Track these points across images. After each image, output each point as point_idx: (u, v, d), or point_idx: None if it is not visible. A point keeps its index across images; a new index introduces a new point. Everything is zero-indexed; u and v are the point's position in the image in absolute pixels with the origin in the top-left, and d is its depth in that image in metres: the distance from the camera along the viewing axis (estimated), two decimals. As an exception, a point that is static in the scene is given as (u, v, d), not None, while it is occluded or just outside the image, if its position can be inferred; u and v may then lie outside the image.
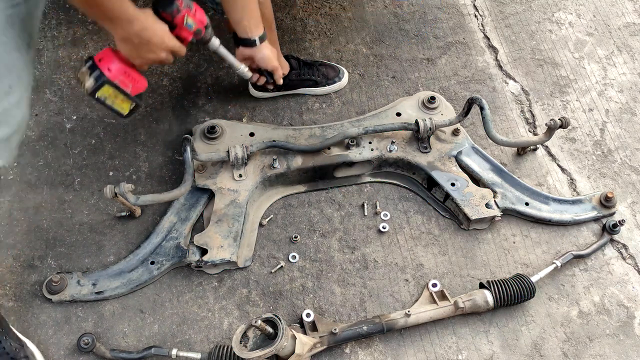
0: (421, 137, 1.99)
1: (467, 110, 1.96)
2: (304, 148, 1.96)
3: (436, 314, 1.74)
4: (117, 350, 1.67)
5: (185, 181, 1.76)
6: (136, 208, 1.89)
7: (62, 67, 2.28)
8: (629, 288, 1.89)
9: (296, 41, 2.40)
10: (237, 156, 1.87)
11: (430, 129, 1.96)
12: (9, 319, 1.75)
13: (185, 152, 1.77)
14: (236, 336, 1.45)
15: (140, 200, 1.70)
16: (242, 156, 1.88)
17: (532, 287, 1.77)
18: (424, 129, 1.96)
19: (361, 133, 1.96)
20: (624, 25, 2.54)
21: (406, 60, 2.37)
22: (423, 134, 1.97)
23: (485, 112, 1.89)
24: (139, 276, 1.80)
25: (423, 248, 1.93)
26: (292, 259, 1.89)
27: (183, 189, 1.76)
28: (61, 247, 1.89)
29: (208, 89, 2.25)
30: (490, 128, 1.92)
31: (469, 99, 1.92)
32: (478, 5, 2.57)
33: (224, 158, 1.88)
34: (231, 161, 1.88)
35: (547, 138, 1.92)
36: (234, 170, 1.92)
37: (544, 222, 1.97)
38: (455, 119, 2.00)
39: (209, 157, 1.88)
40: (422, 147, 2.00)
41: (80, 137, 2.11)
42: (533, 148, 2.12)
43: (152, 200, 1.72)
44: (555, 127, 1.83)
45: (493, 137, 1.94)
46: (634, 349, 1.78)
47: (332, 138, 1.97)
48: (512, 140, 1.94)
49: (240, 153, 1.88)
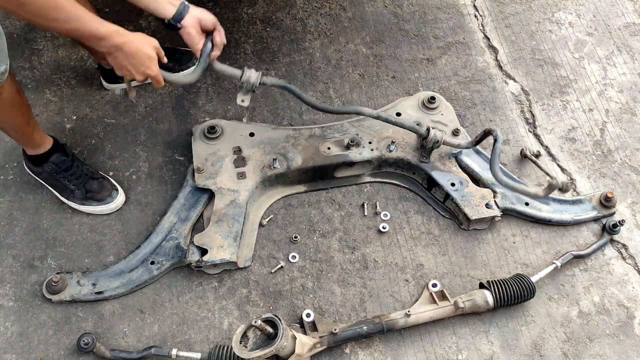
0: (426, 145, 1.94)
1: (480, 139, 1.89)
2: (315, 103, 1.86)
3: (436, 314, 1.74)
4: (117, 350, 1.67)
5: (197, 68, 1.68)
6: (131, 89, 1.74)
7: (62, 67, 2.28)
8: (629, 288, 1.89)
9: (296, 41, 2.40)
10: (249, 80, 1.75)
11: (437, 141, 1.90)
12: (9, 319, 1.75)
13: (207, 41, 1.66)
14: (236, 336, 1.45)
15: None
16: (253, 82, 1.75)
17: (532, 287, 1.77)
18: (431, 139, 1.90)
19: (373, 115, 1.88)
20: (624, 25, 2.54)
21: (406, 60, 2.37)
22: (429, 144, 1.92)
23: (497, 146, 1.79)
24: (139, 276, 1.80)
25: (423, 248, 1.93)
26: (292, 259, 1.89)
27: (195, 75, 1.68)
28: (61, 247, 1.89)
29: (208, 89, 2.25)
30: (496, 162, 1.79)
31: (485, 130, 1.84)
32: (478, 5, 2.57)
33: (237, 75, 1.75)
34: (241, 81, 1.75)
35: (544, 194, 1.78)
36: (238, 94, 1.80)
37: (544, 222, 1.97)
38: (466, 144, 1.94)
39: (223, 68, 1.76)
40: (422, 156, 1.97)
41: (80, 137, 2.11)
42: (535, 154, 2.08)
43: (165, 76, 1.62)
44: (555, 187, 1.74)
45: (495, 173, 1.81)
46: (634, 349, 1.78)
47: (344, 107, 1.94)
48: (511, 183, 1.80)
49: (254, 78, 1.75)
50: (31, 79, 2.23)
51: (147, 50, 1.47)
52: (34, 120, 1.78)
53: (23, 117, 1.71)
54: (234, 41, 2.37)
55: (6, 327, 1.74)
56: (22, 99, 1.68)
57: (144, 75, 1.51)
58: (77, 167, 1.91)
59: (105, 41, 1.40)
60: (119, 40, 1.41)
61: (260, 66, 2.31)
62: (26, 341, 1.72)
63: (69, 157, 1.90)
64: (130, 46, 1.44)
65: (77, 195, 1.91)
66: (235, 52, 2.34)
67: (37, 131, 1.81)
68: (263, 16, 2.47)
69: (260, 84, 1.77)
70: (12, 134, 1.76)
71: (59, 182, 1.90)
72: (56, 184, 1.91)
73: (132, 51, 1.44)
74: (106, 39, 1.39)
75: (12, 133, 1.75)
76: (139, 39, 1.47)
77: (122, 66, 1.48)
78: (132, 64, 1.47)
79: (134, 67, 1.48)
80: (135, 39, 1.45)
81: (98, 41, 1.39)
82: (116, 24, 1.43)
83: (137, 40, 1.45)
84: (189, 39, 1.61)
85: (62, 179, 1.89)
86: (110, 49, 1.42)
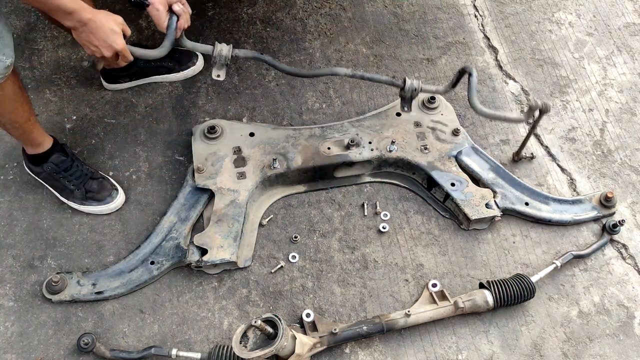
0: (405, 96, 1.96)
1: (456, 80, 1.93)
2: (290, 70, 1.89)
3: (436, 314, 1.74)
4: (117, 350, 1.67)
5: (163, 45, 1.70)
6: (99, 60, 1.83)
7: (62, 67, 2.28)
8: (629, 288, 1.89)
9: (296, 41, 2.40)
10: (221, 53, 1.78)
11: (415, 89, 1.93)
12: (9, 319, 1.75)
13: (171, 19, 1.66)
14: (236, 336, 1.45)
15: None
16: (225, 55, 1.78)
17: (532, 287, 1.77)
18: (409, 88, 1.93)
19: (349, 74, 1.91)
20: (624, 25, 2.54)
21: (406, 60, 2.37)
22: (407, 93, 1.94)
23: (472, 79, 1.87)
24: (139, 276, 1.80)
25: (423, 248, 1.93)
26: (292, 259, 1.89)
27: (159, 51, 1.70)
28: (61, 247, 1.89)
29: (208, 89, 2.25)
30: (473, 96, 1.88)
31: (460, 70, 1.90)
32: (478, 5, 2.57)
33: (208, 50, 1.78)
34: (214, 56, 1.78)
35: (526, 118, 1.89)
36: (213, 70, 1.82)
37: (544, 222, 1.97)
38: (443, 89, 1.98)
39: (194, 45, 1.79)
40: (403, 107, 2.00)
41: (80, 137, 2.11)
42: (529, 157, 2.11)
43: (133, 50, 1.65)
44: (535, 107, 1.82)
45: (474, 105, 1.90)
46: (634, 349, 1.78)
47: (320, 70, 2.06)
48: (490, 112, 1.92)
49: (225, 51, 1.78)
50: (31, 79, 2.23)
51: (111, 26, 1.51)
52: (34, 118, 1.78)
53: (24, 114, 1.72)
54: (234, 41, 2.37)
55: (6, 327, 1.74)
56: (24, 95, 1.69)
57: (111, 49, 1.53)
58: (77, 167, 1.91)
59: (72, 16, 1.44)
60: (85, 16, 1.45)
61: (260, 66, 2.31)
62: (26, 341, 1.72)
63: (68, 157, 1.90)
64: (95, 22, 1.48)
65: (76, 195, 1.91)
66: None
67: (38, 129, 1.81)
68: (263, 16, 2.47)
69: (233, 57, 1.80)
70: (12, 132, 1.77)
71: (58, 182, 1.90)
72: (56, 184, 1.91)
73: (97, 26, 1.48)
74: (73, 14, 1.43)
75: (12, 130, 1.76)
76: (103, 15, 1.51)
77: (88, 41, 1.51)
78: (98, 38, 1.50)
79: (100, 42, 1.51)
80: (100, 15, 1.50)
81: (65, 15, 1.43)
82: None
83: (101, 16, 1.50)
84: (157, 15, 1.61)
85: (61, 179, 1.89)
86: (75, 24, 1.46)
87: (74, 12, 1.43)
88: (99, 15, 1.49)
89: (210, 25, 2.41)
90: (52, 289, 1.75)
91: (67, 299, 1.76)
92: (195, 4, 1.62)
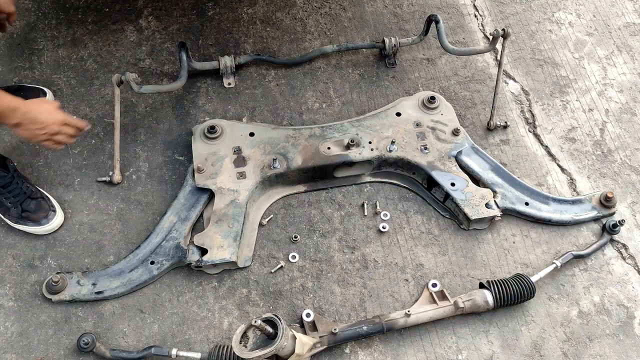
0: (388, 54, 2.29)
1: (426, 28, 2.26)
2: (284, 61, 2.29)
3: (436, 314, 1.74)
4: (117, 350, 1.67)
5: (181, 77, 2.08)
6: (117, 173, 1.97)
7: (62, 67, 2.28)
8: (629, 288, 1.89)
9: (296, 41, 2.40)
10: (227, 64, 2.18)
11: (394, 45, 2.27)
12: (9, 319, 1.75)
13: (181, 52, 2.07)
14: (236, 336, 1.45)
15: (143, 89, 2.00)
16: (230, 65, 2.18)
17: (532, 287, 1.77)
18: (388, 45, 2.26)
19: (335, 50, 2.28)
20: (624, 25, 2.54)
21: (406, 60, 2.37)
22: (389, 50, 2.27)
23: (440, 25, 2.18)
24: (139, 276, 1.80)
25: (423, 248, 1.93)
26: (292, 259, 1.89)
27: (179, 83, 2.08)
28: (61, 247, 1.89)
29: (208, 89, 2.25)
30: (444, 38, 2.17)
31: (427, 19, 2.22)
32: (478, 5, 2.57)
33: (215, 66, 2.19)
34: (221, 70, 2.19)
35: (492, 47, 2.15)
36: (224, 79, 2.23)
37: (544, 222, 1.97)
38: (417, 38, 2.30)
39: (203, 65, 2.19)
40: (389, 64, 2.32)
41: (80, 137, 2.10)
42: (503, 125, 2.17)
43: (152, 90, 2.03)
44: (498, 35, 2.06)
45: (445, 47, 2.18)
46: (634, 349, 1.78)
47: (309, 53, 2.28)
48: (461, 48, 2.22)
49: (229, 62, 2.18)
50: (31, 79, 2.23)
51: (45, 106, 1.60)
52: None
53: None
54: (233, 41, 2.37)
55: (6, 327, 1.74)
56: None
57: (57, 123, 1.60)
58: (17, 184, 1.86)
59: (17, 111, 1.50)
60: (25, 107, 1.53)
61: (260, 66, 2.31)
62: (26, 341, 1.72)
63: (9, 173, 1.86)
64: (34, 108, 1.56)
65: (12, 213, 1.86)
66: (235, 52, 2.34)
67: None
68: (263, 16, 2.47)
69: (237, 65, 2.21)
70: None
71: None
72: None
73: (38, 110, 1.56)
74: (17, 109, 1.50)
75: None
76: (35, 101, 1.61)
77: (36, 128, 1.56)
78: (43, 121, 1.57)
79: (45, 123, 1.57)
80: (32, 103, 1.58)
81: (12, 113, 1.50)
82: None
83: (34, 103, 1.59)
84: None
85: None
86: (20, 118, 1.52)
87: (17, 107, 1.51)
88: (32, 103, 1.58)
89: (210, 25, 2.41)
90: (52, 288, 1.75)
91: (67, 299, 1.76)
92: (195, 4, 1.62)
